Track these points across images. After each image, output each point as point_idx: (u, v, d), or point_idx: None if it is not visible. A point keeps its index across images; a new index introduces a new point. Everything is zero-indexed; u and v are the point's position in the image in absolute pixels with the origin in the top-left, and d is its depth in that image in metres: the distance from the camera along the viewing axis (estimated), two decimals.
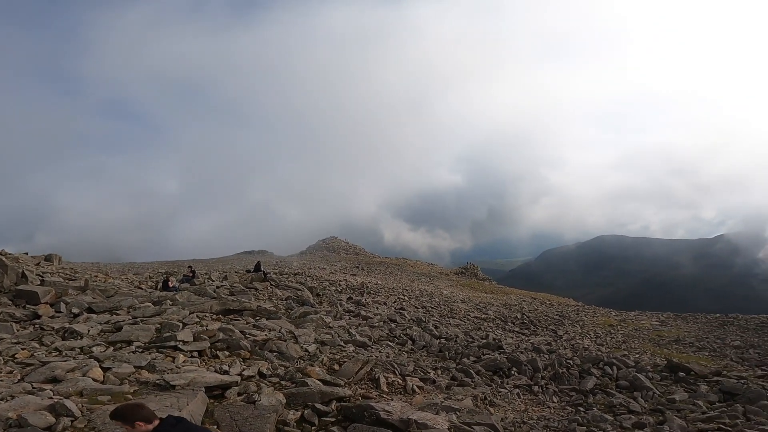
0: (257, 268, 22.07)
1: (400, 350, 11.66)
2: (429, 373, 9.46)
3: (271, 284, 19.04)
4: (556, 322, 20.72)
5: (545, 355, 12.80)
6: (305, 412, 5.99)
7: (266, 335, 9.58)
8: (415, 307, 19.21)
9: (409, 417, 5.79)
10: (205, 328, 9.20)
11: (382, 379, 7.87)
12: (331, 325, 12.72)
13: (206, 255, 54.35)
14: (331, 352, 9.32)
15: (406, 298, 21.31)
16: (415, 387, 8.09)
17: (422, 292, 24.40)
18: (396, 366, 9.00)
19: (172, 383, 5.94)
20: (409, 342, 12.57)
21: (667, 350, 17.22)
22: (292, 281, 20.92)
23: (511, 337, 15.76)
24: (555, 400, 9.56)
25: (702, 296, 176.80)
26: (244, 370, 7.10)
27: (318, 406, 6.12)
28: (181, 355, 7.54)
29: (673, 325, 22.59)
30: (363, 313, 15.97)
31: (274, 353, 8.37)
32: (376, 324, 14.34)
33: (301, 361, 8.36)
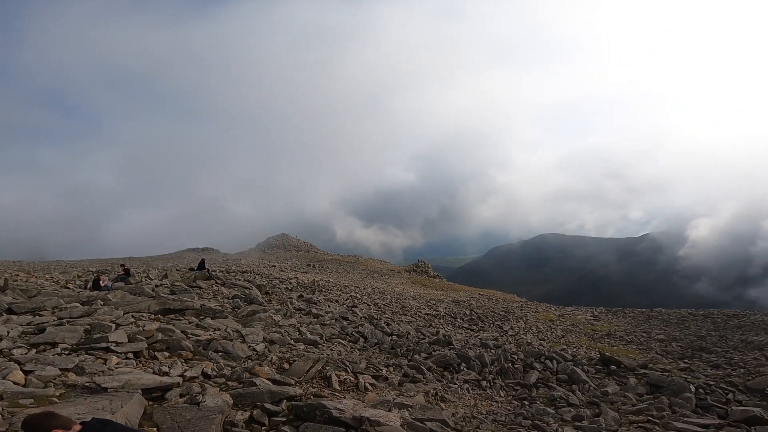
0: (201, 265, 21.11)
1: (352, 348, 11.55)
2: (381, 370, 9.43)
3: (216, 282, 18.25)
4: (501, 317, 21.50)
5: (492, 351, 13.17)
6: (254, 412, 5.75)
7: (211, 335, 9.12)
8: (367, 305, 19.18)
9: (362, 415, 5.72)
10: (141, 328, 8.59)
11: (334, 378, 7.73)
12: (280, 323, 12.39)
13: (145, 252, 51.29)
14: (280, 351, 9.05)
15: (358, 295, 21.23)
16: (367, 384, 8.02)
17: (374, 290, 24.43)
18: (348, 364, 8.90)
19: (103, 386, 5.49)
20: (361, 339, 12.49)
21: (600, 344, 18.30)
22: (239, 279, 20.17)
23: (461, 333, 16.14)
24: (502, 394, 9.86)
25: (629, 292, 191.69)
26: (186, 371, 6.70)
27: (268, 405, 5.90)
28: (114, 357, 6.99)
29: (605, 320, 24.03)
30: (314, 311, 15.69)
31: (220, 353, 7.98)
32: (328, 322, 14.14)
33: (249, 361, 8.04)
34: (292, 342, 10.17)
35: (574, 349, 15.52)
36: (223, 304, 14.16)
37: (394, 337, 13.52)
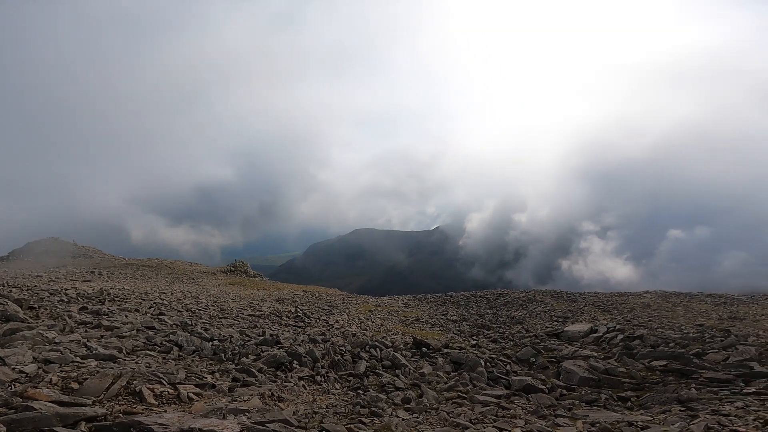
0: None
1: (164, 359, 9.71)
2: (206, 377, 8.17)
3: None
4: (326, 312, 21.66)
5: (321, 345, 13.08)
6: None
7: None
8: (179, 311, 16.62)
9: (192, 426, 4.76)
10: None
11: (147, 392, 6.27)
12: (57, 340, 9.58)
13: None
14: (63, 371, 6.91)
15: (165, 302, 18.22)
16: (191, 394, 6.78)
17: (186, 294, 21.44)
18: (162, 375, 7.39)
19: None
20: (175, 348, 10.67)
21: (412, 329, 20.20)
22: None
23: (288, 331, 15.52)
24: (337, 386, 9.84)
25: (427, 279, 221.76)
26: None
27: (59, 429, 4.41)
28: None
29: (413, 306, 26.65)
30: (106, 323, 12.74)
31: None
32: (127, 333, 11.64)
33: (17, 384, 5.87)
34: (78, 359, 7.91)
35: (393, 336, 16.69)
36: None
37: (216, 342, 12.05)
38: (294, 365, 10.57)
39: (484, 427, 7.19)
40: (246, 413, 6.12)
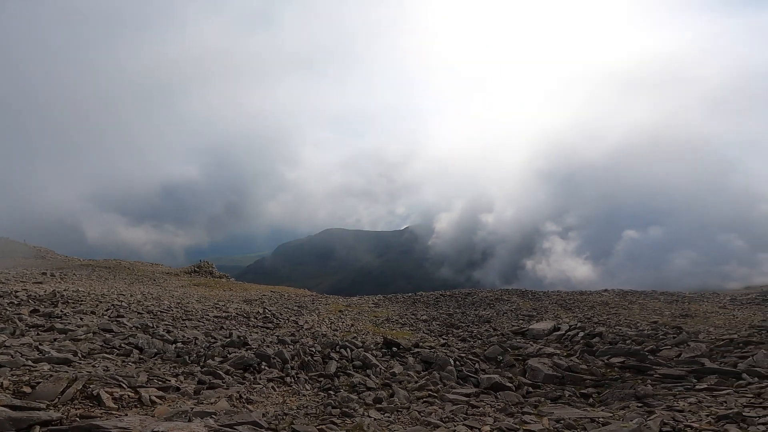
0: None
1: (124, 362, 9.26)
2: (169, 380, 7.84)
3: None
4: (296, 312, 21.32)
5: (290, 346, 12.87)
6: None
7: None
8: (139, 313, 15.91)
9: (155, 430, 4.56)
10: None
11: (105, 395, 5.96)
12: (7, 344, 9.02)
13: None
14: (14, 375, 6.49)
15: (124, 304, 17.40)
16: (153, 398, 6.49)
17: (146, 296, 20.55)
18: (121, 379, 7.05)
19: None
20: (135, 351, 10.20)
21: (382, 329, 20.20)
22: None
23: (256, 333, 15.16)
24: (308, 387, 9.70)
25: (398, 278, 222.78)
26: None
27: None
28: None
29: (383, 306, 26.65)
30: (59, 326, 12.06)
31: None
32: (82, 336, 11.05)
33: None
34: (30, 363, 7.45)
35: (363, 336, 16.64)
36: None
37: (180, 344, 11.60)
38: (263, 367, 10.34)
39: (455, 426, 7.26)
40: (213, 416, 5.92)
